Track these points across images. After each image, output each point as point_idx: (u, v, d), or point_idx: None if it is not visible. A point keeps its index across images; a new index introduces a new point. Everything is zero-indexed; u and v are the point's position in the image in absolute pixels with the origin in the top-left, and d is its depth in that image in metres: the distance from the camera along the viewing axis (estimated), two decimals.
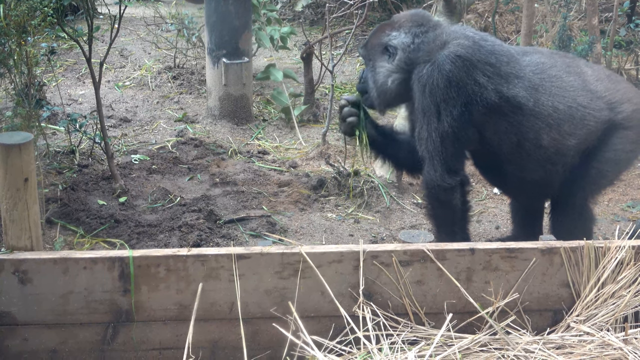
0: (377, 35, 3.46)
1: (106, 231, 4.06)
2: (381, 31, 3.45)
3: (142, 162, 4.92)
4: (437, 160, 3.25)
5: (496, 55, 3.23)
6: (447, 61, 3.14)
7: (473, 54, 3.17)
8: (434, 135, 3.23)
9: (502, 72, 3.20)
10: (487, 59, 3.20)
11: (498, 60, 3.22)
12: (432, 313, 2.75)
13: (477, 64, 3.17)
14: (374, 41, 3.45)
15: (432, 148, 3.25)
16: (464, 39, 3.23)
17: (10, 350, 2.67)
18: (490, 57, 3.21)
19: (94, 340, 2.70)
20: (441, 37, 3.27)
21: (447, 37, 3.26)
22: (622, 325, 2.74)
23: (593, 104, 3.29)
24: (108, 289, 2.66)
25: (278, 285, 2.69)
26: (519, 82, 3.21)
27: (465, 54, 3.15)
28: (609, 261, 2.77)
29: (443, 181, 3.25)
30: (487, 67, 3.18)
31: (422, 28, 3.37)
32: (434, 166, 3.26)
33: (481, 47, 3.22)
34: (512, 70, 3.24)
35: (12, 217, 2.66)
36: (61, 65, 6.65)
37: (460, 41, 3.21)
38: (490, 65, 3.19)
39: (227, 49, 5.59)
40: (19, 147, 2.60)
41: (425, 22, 3.41)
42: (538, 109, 3.21)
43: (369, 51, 3.47)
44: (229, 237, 4.06)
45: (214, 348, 2.71)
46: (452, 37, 3.24)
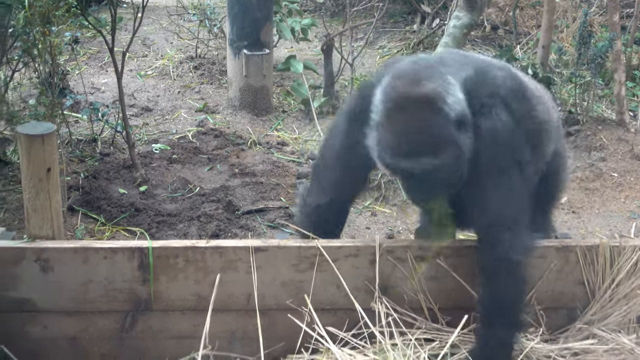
0: None
1: (127, 220, 4.08)
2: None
3: (162, 152, 4.93)
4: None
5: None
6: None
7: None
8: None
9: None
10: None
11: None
12: (447, 309, 2.74)
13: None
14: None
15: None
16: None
17: (30, 336, 2.69)
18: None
19: (113, 328, 2.72)
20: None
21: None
22: (637, 325, 2.74)
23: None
24: (127, 278, 2.67)
25: (294, 278, 2.69)
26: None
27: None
28: (625, 261, 2.76)
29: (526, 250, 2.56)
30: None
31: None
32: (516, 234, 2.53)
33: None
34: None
35: (35, 206, 2.68)
36: (84, 54, 6.68)
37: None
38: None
39: (248, 41, 5.59)
40: (42, 138, 2.62)
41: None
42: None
43: None
44: (247, 227, 4.07)
45: (231, 338, 2.72)
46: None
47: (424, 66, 2.45)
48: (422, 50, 7.10)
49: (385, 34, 7.67)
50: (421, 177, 2.32)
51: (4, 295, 2.64)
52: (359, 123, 2.48)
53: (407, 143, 2.27)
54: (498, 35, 7.41)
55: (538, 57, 6.03)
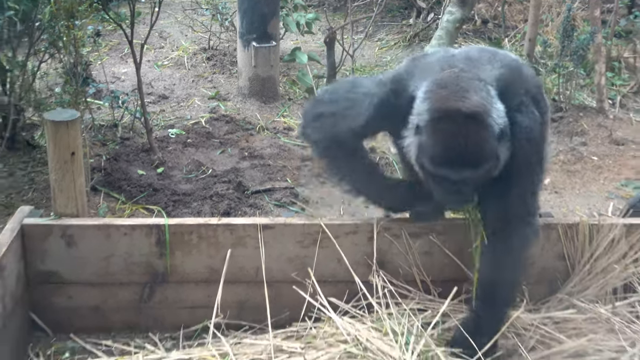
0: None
1: (145, 199, 4.09)
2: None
3: (178, 136, 4.93)
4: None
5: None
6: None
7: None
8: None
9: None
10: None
11: None
12: (439, 281, 2.75)
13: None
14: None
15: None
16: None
17: (56, 306, 2.71)
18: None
19: (133, 298, 2.74)
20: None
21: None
22: (613, 296, 2.75)
23: None
24: (145, 253, 2.69)
25: (299, 253, 2.70)
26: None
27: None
28: (602, 238, 2.76)
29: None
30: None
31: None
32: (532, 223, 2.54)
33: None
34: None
35: (61, 187, 2.69)
36: (106, 45, 6.66)
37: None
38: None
39: (257, 34, 5.58)
40: (67, 124, 2.62)
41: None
42: None
43: None
44: (256, 206, 4.07)
45: (241, 308, 2.73)
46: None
47: (463, 72, 2.33)
48: (417, 43, 7.08)
49: (384, 28, 7.64)
50: (456, 182, 2.26)
51: (32, 268, 2.66)
52: (385, 115, 2.45)
53: (451, 155, 2.18)
54: (488, 29, 7.38)
55: (525, 49, 6.02)
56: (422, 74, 2.41)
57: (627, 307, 2.70)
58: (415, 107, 2.32)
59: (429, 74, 2.38)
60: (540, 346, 2.59)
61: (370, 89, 2.55)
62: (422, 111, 2.28)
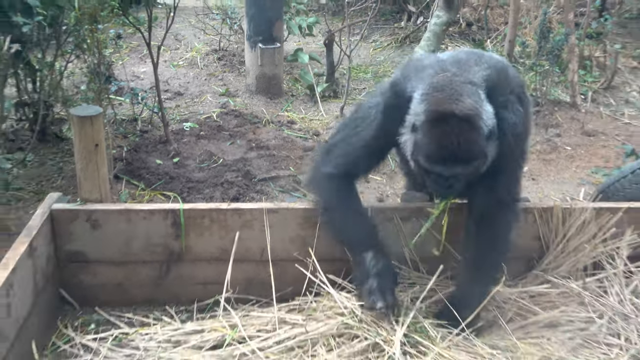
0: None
1: (162, 185, 4.09)
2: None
3: (192, 129, 4.93)
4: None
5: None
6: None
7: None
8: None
9: None
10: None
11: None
12: (426, 260, 2.75)
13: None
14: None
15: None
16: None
17: (83, 283, 2.72)
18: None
19: (152, 275, 2.74)
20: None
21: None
22: (583, 273, 2.75)
23: None
24: (163, 234, 2.69)
25: (300, 235, 2.70)
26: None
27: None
28: (574, 220, 2.76)
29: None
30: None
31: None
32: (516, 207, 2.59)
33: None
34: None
35: (86, 175, 2.69)
36: (126, 47, 6.65)
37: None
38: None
39: (263, 36, 5.57)
40: (91, 119, 2.62)
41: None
42: None
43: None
44: (262, 192, 4.07)
45: (248, 284, 2.74)
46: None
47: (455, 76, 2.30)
48: (408, 44, 7.07)
49: (378, 30, 7.62)
50: (448, 178, 2.27)
51: (61, 249, 2.67)
52: (392, 117, 2.41)
53: (445, 153, 2.19)
54: (472, 31, 7.36)
55: (505, 49, 6.01)
56: (416, 76, 2.39)
57: (596, 283, 2.71)
58: (412, 107, 2.31)
59: (423, 76, 2.36)
60: (518, 317, 2.60)
61: (374, 101, 2.53)
62: (419, 112, 2.27)
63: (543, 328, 2.54)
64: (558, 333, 2.51)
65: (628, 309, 2.59)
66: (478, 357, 2.38)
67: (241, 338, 2.47)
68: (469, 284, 2.52)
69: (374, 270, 2.44)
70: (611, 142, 4.99)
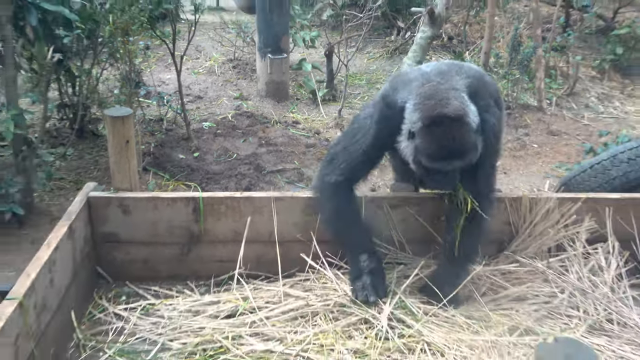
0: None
1: (184, 177, 4.09)
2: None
3: (210, 128, 4.92)
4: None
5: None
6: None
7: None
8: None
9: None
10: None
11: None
12: (412, 242, 2.75)
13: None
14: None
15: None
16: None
17: (116, 259, 2.72)
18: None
19: (175, 254, 2.74)
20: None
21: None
22: (547, 254, 2.75)
23: None
24: (184, 219, 2.69)
25: (303, 220, 2.69)
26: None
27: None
28: (540, 208, 2.76)
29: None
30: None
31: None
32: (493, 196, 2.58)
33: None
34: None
35: (118, 167, 2.68)
36: (154, 57, 6.63)
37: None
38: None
39: (272, 48, 5.55)
40: (122, 119, 2.62)
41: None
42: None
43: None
44: (271, 183, 4.07)
45: (258, 261, 2.73)
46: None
47: (440, 84, 2.29)
48: (397, 55, 7.04)
49: (371, 43, 7.59)
50: (446, 173, 2.25)
51: (97, 231, 2.67)
52: (385, 125, 2.38)
53: (444, 151, 2.18)
54: (453, 44, 7.33)
55: (481, 60, 5.98)
56: (404, 88, 2.37)
57: (558, 262, 2.71)
58: (407, 117, 2.29)
59: (410, 88, 2.34)
60: (490, 292, 2.60)
61: (368, 112, 2.50)
62: (414, 120, 2.25)
63: (512, 301, 2.55)
64: (525, 305, 2.52)
65: (586, 285, 2.59)
66: (456, 326, 2.39)
67: (252, 308, 2.48)
68: (450, 264, 2.51)
69: (367, 269, 2.44)
70: (572, 141, 4.98)
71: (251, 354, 2.25)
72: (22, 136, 3.35)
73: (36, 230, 3.40)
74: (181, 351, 2.27)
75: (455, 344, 2.28)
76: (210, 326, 2.38)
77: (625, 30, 6.35)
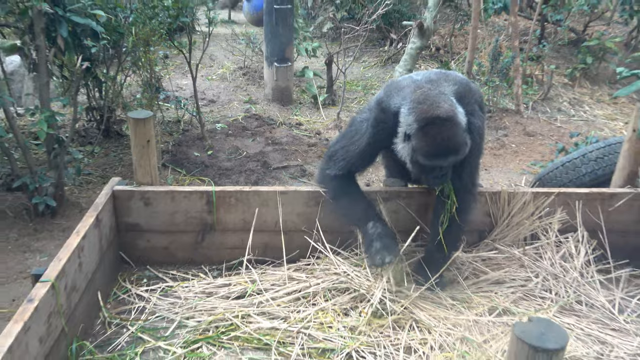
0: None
1: (199, 172, 4.09)
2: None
3: (222, 129, 4.92)
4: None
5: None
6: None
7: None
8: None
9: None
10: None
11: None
12: (401, 231, 2.74)
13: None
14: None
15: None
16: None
17: (138, 246, 2.72)
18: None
19: (190, 241, 2.74)
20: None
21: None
22: (523, 242, 2.75)
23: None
24: (199, 210, 2.69)
25: (306, 211, 2.70)
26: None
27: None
28: (517, 201, 2.75)
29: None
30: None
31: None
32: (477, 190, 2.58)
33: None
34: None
35: (140, 164, 2.68)
36: (172, 65, 6.62)
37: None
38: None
39: (278, 57, 5.53)
40: (144, 121, 2.61)
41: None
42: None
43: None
44: (276, 178, 4.07)
45: (265, 248, 2.73)
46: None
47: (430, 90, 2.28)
48: (390, 64, 7.02)
49: (367, 53, 7.57)
50: (440, 169, 2.24)
51: (121, 221, 2.67)
52: (380, 128, 2.37)
53: (439, 148, 2.16)
54: (440, 54, 7.31)
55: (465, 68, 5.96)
56: (397, 94, 2.36)
57: (533, 250, 2.71)
58: (402, 121, 2.27)
59: (403, 94, 2.33)
60: (472, 276, 2.60)
61: (364, 116, 2.49)
62: (410, 122, 2.23)
63: (492, 284, 2.55)
64: (503, 288, 2.52)
65: (558, 270, 2.59)
66: (441, 306, 2.39)
67: (259, 290, 2.48)
68: (437, 251, 2.51)
69: (375, 234, 2.39)
70: (546, 141, 4.97)
71: (258, 330, 2.25)
72: (54, 136, 3.34)
73: (67, 220, 3.41)
74: (196, 328, 2.28)
75: (441, 322, 2.28)
76: (221, 306, 2.38)
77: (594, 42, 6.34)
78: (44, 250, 3.13)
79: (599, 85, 6.49)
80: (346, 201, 2.50)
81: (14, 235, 3.24)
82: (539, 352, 1.32)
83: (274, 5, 5.42)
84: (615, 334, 2.29)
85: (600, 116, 5.73)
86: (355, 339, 2.20)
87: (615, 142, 3.28)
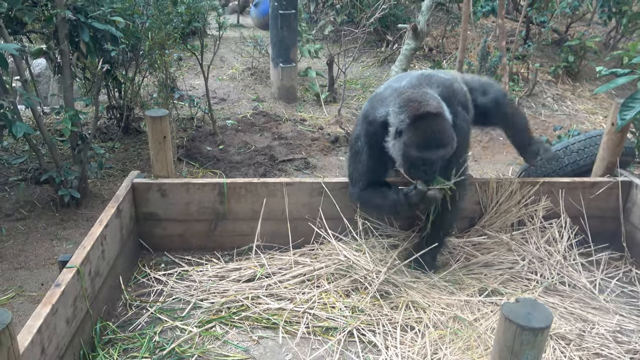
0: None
1: (211, 165, 4.08)
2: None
3: (232, 125, 4.89)
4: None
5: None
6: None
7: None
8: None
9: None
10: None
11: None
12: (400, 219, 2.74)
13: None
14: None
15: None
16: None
17: (156, 234, 2.72)
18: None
19: (204, 229, 2.74)
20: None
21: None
22: (511, 228, 2.74)
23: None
24: (211, 200, 2.68)
25: (310, 201, 2.69)
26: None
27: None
28: (504, 190, 2.74)
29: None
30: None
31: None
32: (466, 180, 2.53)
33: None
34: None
35: (157, 158, 2.67)
36: (185, 66, 6.59)
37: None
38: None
39: (283, 58, 5.50)
40: (160, 118, 2.60)
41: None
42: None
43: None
44: (283, 170, 4.06)
45: (272, 235, 2.73)
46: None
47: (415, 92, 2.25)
48: (387, 64, 6.97)
49: (365, 53, 7.52)
50: (432, 163, 2.20)
51: (140, 211, 2.67)
52: (373, 139, 2.34)
53: (430, 141, 2.13)
54: (432, 54, 7.25)
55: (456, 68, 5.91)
56: (381, 105, 2.32)
57: (520, 235, 2.70)
58: (392, 121, 2.22)
59: (387, 103, 2.30)
60: (464, 260, 2.59)
61: (357, 132, 2.45)
62: (401, 119, 2.19)
63: (481, 267, 2.54)
64: (492, 270, 2.51)
65: (542, 253, 2.58)
66: (435, 287, 2.38)
67: (267, 274, 2.48)
68: (431, 237, 2.49)
69: (400, 193, 2.28)
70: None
71: (267, 311, 2.25)
72: (77, 133, 3.34)
73: (90, 210, 3.41)
74: (210, 309, 2.28)
75: (435, 302, 2.27)
76: (233, 288, 2.38)
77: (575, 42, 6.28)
78: (69, 238, 3.13)
79: (580, 82, 6.44)
80: (373, 200, 2.47)
81: (43, 225, 3.24)
82: (525, 330, 1.31)
83: (279, 11, 5.38)
84: (596, 312, 2.28)
85: (582, 111, 5.69)
86: (356, 318, 2.19)
87: (595, 135, 3.25)
